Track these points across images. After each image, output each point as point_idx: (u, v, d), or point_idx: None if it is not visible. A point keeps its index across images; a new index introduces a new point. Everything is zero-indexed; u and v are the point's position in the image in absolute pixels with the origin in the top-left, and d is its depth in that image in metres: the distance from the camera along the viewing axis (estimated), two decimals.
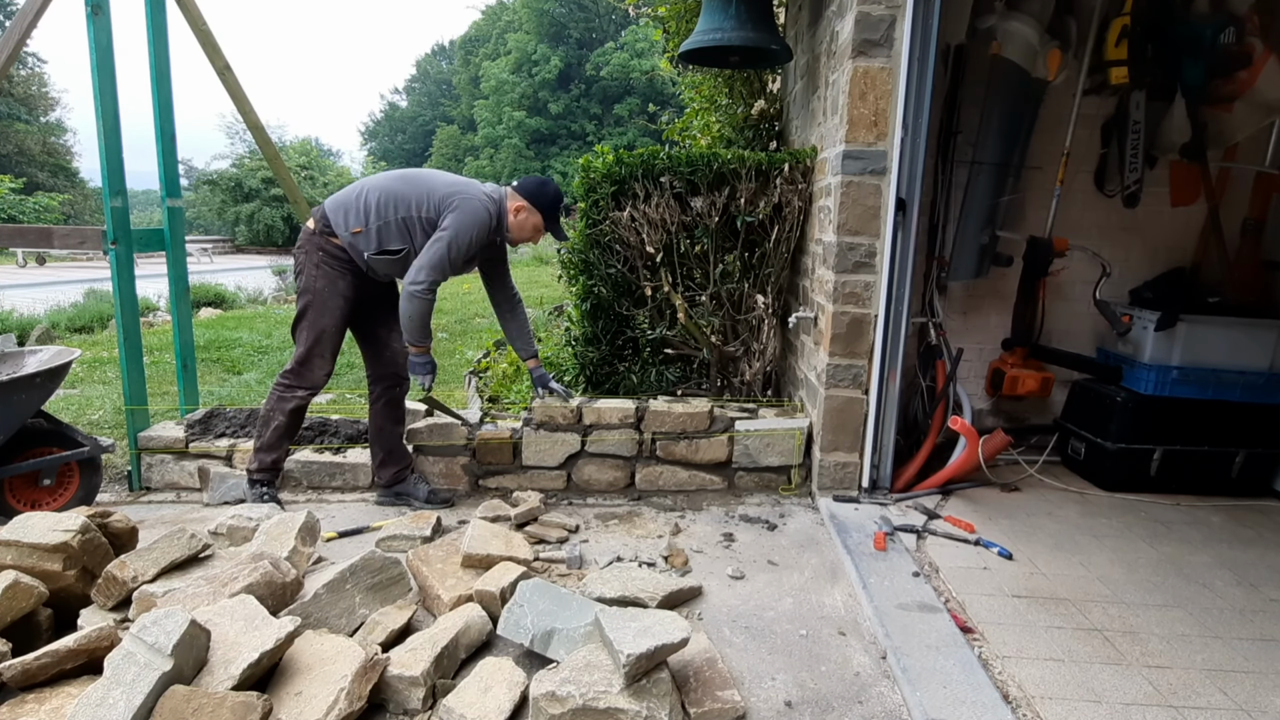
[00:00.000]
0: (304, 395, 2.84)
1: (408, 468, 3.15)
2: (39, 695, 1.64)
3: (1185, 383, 3.19)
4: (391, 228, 2.76)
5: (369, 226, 2.75)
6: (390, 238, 2.77)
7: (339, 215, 2.77)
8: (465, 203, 2.73)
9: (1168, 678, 1.94)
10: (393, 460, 3.10)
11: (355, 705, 1.64)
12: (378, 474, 3.12)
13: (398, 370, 3.04)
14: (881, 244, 2.92)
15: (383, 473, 3.11)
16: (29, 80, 27.79)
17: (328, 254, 2.78)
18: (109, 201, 3.05)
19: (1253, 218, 3.50)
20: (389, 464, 3.10)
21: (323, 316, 2.78)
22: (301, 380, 2.82)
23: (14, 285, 13.09)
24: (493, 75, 35.06)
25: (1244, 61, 3.11)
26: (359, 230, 2.75)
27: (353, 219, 2.76)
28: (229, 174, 26.75)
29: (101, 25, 2.93)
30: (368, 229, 2.75)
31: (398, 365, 3.04)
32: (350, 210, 2.77)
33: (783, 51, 3.39)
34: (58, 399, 4.56)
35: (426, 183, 2.80)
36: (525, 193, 2.85)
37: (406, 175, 2.85)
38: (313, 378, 2.83)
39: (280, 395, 2.84)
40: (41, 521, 2.04)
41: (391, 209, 2.75)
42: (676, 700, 1.71)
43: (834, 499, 3.07)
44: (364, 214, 2.75)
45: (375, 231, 2.75)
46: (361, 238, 2.76)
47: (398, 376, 3.05)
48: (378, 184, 2.80)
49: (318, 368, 2.83)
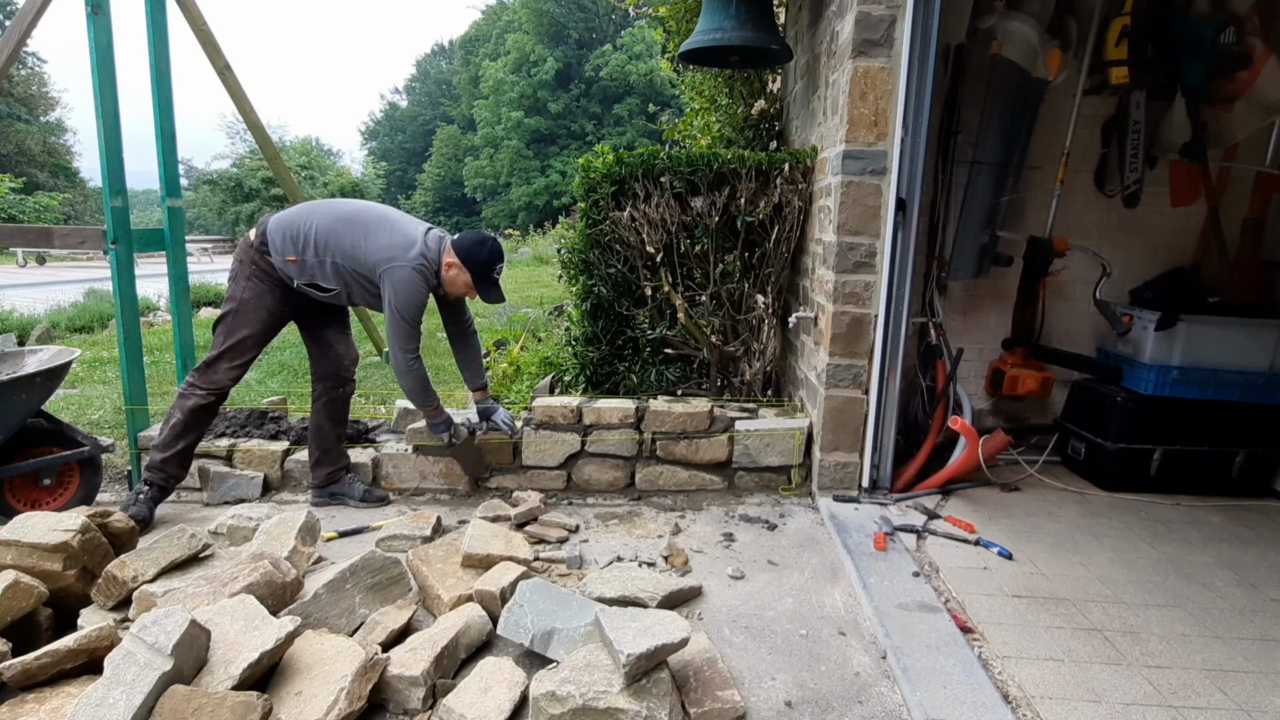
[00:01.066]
0: (203, 395, 2.79)
1: (344, 468, 3.14)
2: (39, 695, 1.64)
3: (1185, 383, 3.19)
4: (326, 268, 2.75)
5: (304, 258, 2.73)
6: (325, 277, 2.76)
7: (279, 238, 2.74)
8: (395, 273, 2.71)
9: (1168, 678, 1.94)
10: (328, 460, 3.09)
11: (355, 705, 1.64)
12: (312, 473, 3.11)
13: (340, 371, 3.05)
14: (881, 244, 2.92)
15: (317, 472, 3.09)
16: (29, 80, 27.79)
17: (259, 269, 2.76)
18: (109, 201, 3.05)
19: (1253, 218, 3.50)
20: (323, 464, 3.09)
21: (243, 326, 2.77)
22: (204, 380, 2.79)
23: (14, 285, 13.10)
24: (492, 75, 35.05)
25: (1244, 61, 3.11)
26: (293, 259, 2.73)
27: (290, 246, 2.73)
28: (229, 174, 26.76)
29: (101, 25, 2.93)
30: (303, 260, 2.73)
31: (341, 367, 3.05)
32: (289, 236, 2.74)
33: (783, 51, 3.39)
34: (58, 399, 4.56)
35: (365, 236, 2.75)
36: (459, 250, 2.81)
37: (352, 218, 2.79)
38: (217, 380, 2.80)
39: (182, 392, 2.82)
40: (41, 521, 2.05)
41: (330, 252, 2.73)
42: (676, 700, 1.71)
43: (834, 499, 3.07)
44: (302, 245, 2.73)
45: (310, 266, 2.74)
46: (294, 266, 2.75)
47: (341, 378, 3.06)
48: (322, 219, 2.77)
49: (224, 372, 2.79)
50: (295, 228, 2.75)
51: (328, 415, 3.06)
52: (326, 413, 3.06)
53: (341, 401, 3.08)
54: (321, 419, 3.06)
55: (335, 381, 3.05)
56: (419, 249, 2.76)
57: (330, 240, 2.73)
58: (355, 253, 2.73)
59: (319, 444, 3.07)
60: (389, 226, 2.80)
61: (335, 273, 2.76)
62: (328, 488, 3.10)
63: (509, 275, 14.04)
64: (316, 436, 3.07)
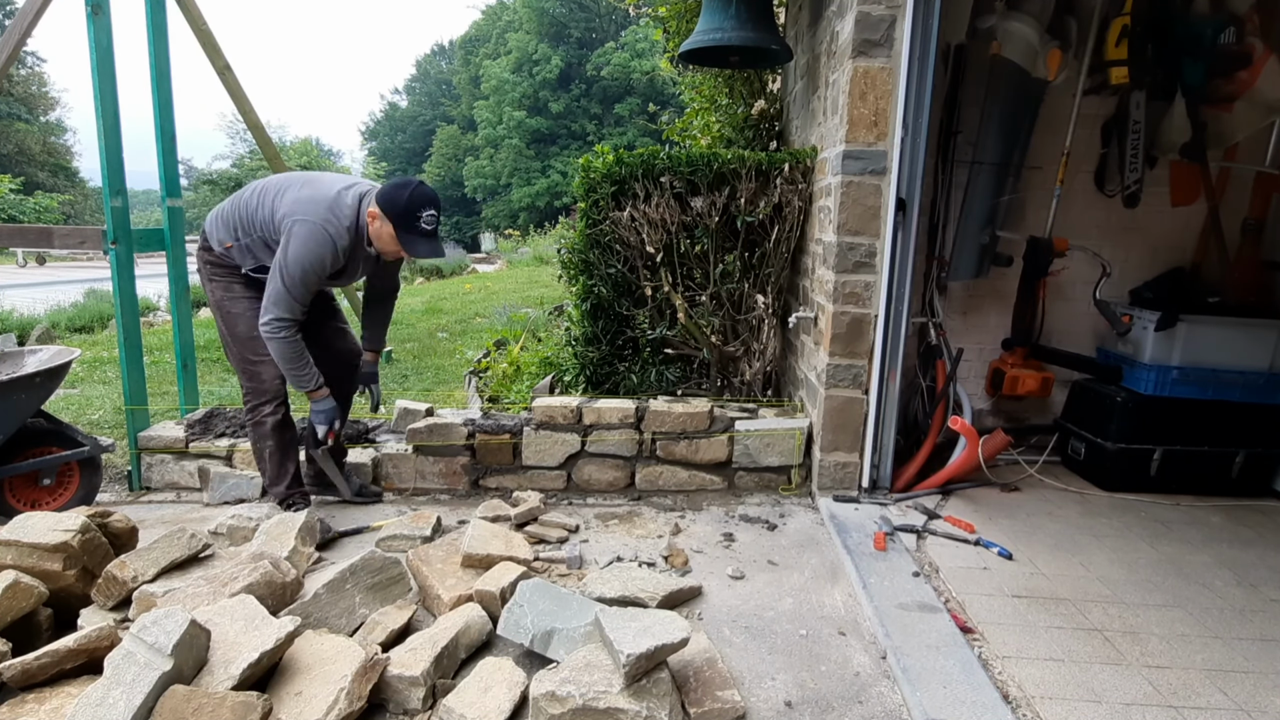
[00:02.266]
0: (271, 410, 2.68)
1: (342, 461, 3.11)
2: (39, 695, 1.64)
3: (1185, 383, 3.19)
4: (257, 246, 2.54)
5: (239, 241, 2.56)
6: (262, 256, 2.55)
7: (213, 228, 2.60)
8: (298, 226, 2.41)
9: (1168, 678, 1.94)
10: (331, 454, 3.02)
11: (355, 705, 1.64)
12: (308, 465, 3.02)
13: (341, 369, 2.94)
14: (881, 244, 2.92)
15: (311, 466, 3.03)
16: (29, 80, 27.79)
17: (213, 265, 2.64)
18: (109, 201, 3.05)
19: (1253, 218, 3.50)
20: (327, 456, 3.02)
21: (235, 324, 2.63)
22: (259, 396, 2.66)
23: (14, 285, 13.10)
24: (493, 75, 35.05)
25: (1244, 61, 3.11)
26: (229, 245, 2.57)
27: (225, 233, 2.58)
28: (229, 174, 26.76)
29: (101, 25, 2.93)
30: (238, 244, 2.56)
31: (341, 363, 2.94)
32: (222, 222, 2.59)
33: (783, 51, 3.39)
34: (58, 399, 4.56)
35: (279, 197, 2.52)
36: (380, 198, 2.47)
37: (274, 186, 2.56)
38: (266, 386, 2.66)
39: (254, 421, 2.70)
40: (41, 521, 2.05)
41: (253, 227, 2.53)
42: (676, 700, 1.72)
43: (834, 499, 3.07)
44: (234, 227, 2.56)
45: (245, 248, 2.57)
46: (235, 253, 2.58)
47: (347, 366, 2.98)
48: (248, 196, 2.59)
49: (263, 372, 2.64)
50: (226, 213, 2.61)
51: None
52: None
53: (349, 397, 3.05)
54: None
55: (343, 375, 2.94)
56: (328, 204, 2.46)
57: (252, 215, 2.54)
58: (270, 216, 2.49)
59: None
60: (304, 183, 2.55)
61: (267, 248, 2.52)
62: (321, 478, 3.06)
63: (510, 276, 14.04)
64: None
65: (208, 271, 2.68)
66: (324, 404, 2.71)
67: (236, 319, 2.64)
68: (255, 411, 2.70)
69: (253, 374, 2.66)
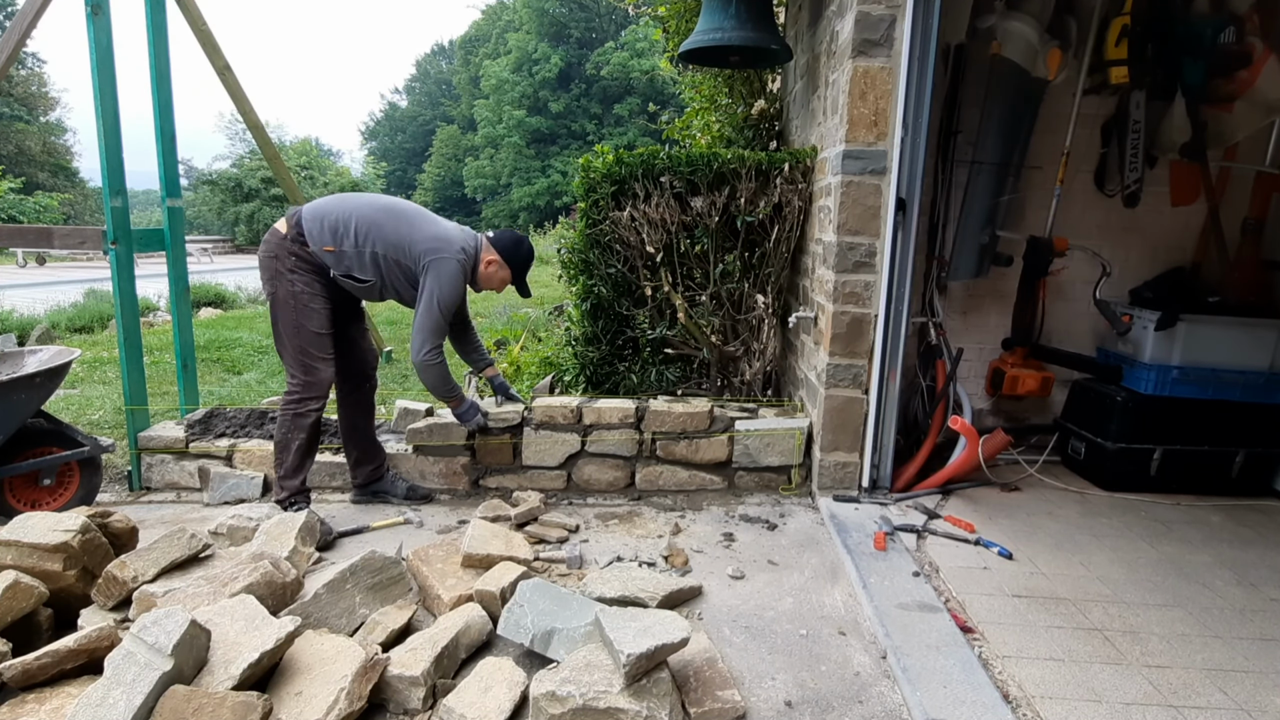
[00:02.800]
0: (317, 406, 2.75)
1: (383, 465, 3.14)
2: (39, 695, 1.64)
3: (1185, 382, 3.19)
4: (365, 258, 2.70)
5: (342, 248, 2.68)
6: (362, 268, 2.71)
7: (315, 226, 2.68)
8: (441, 264, 2.71)
9: (1168, 677, 1.94)
10: (367, 459, 3.09)
11: (355, 705, 1.64)
12: (354, 474, 3.10)
13: (365, 369, 3.04)
14: (881, 244, 2.92)
15: (359, 472, 3.09)
16: (29, 80, 27.78)
17: (300, 259, 2.67)
18: (109, 201, 3.05)
19: (1253, 217, 3.50)
20: (364, 463, 3.08)
21: (309, 320, 2.69)
22: (310, 390, 2.72)
23: (14, 285, 13.10)
24: (493, 74, 35.05)
25: (1244, 61, 3.11)
26: (330, 249, 2.67)
27: (328, 236, 2.67)
28: (229, 174, 26.78)
29: (101, 25, 2.93)
30: (340, 250, 2.68)
31: (366, 364, 3.04)
32: (328, 226, 2.68)
33: (783, 51, 3.39)
34: (58, 399, 4.56)
35: (409, 226, 2.74)
36: (500, 248, 2.88)
37: (394, 209, 2.78)
38: (320, 384, 2.74)
39: (296, 414, 2.73)
40: (41, 521, 2.05)
41: (371, 242, 2.69)
42: (676, 700, 1.72)
43: (834, 499, 3.07)
44: (341, 235, 2.68)
45: (349, 255, 2.69)
46: (332, 256, 2.68)
47: (365, 375, 3.04)
48: (362, 209, 2.72)
49: (322, 370, 2.73)
50: (334, 217, 2.69)
51: (361, 412, 3.05)
52: (360, 410, 3.04)
53: (369, 398, 3.08)
54: (354, 417, 3.04)
55: (360, 379, 3.03)
56: (461, 243, 2.78)
57: (372, 230, 2.69)
58: (400, 241, 2.70)
59: (356, 444, 3.06)
60: (430, 219, 2.82)
61: (374, 263, 2.71)
62: (370, 486, 3.11)
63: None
64: (352, 437, 3.06)
65: (291, 263, 2.68)
66: (463, 408, 3.04)
67: (311, 314, 2.71)
68: (301, 404, 2.75)
69: (310, 369, 2.72)
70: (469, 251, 2.80)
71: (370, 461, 3.10)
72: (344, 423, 3.05)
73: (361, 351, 3.03)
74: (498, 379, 3.31)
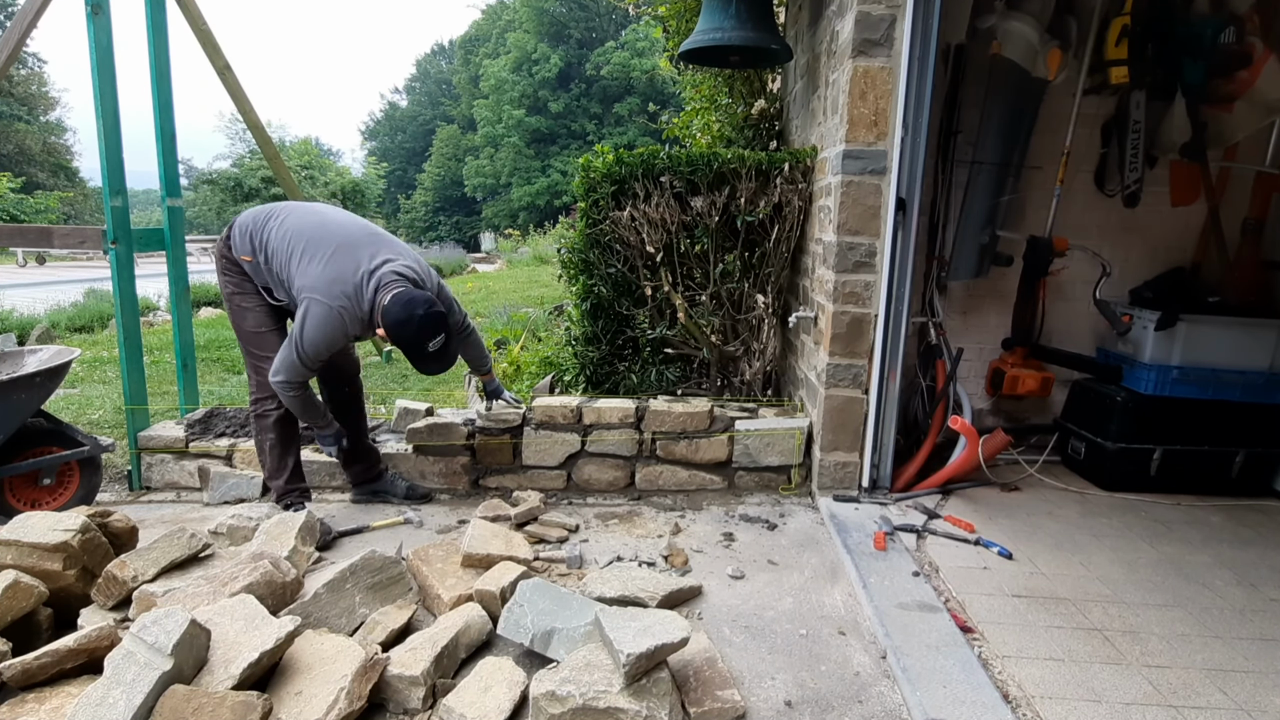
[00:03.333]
0: (276, 403, 2.69)
1: (377, 464, 3.13)
2: (39, 695, 1.64)
3: (1185, 382, 3.19)
4: (273, 277, 2.63)
5: (256, 261, 2.64)
6: (275, 285, 2.65)
7: (239, 234, 2.66)
8: (314, 306, 2.45)
9: (1168, 677, 1.94)
10: (356, 459, 3.06)
11: (355, 705, 1.64)
12: (347, 473, 3.09)
13: (341, 375, 3.00)
14: (881, 244, 2.92)
15: (352, 471, 3.08)
16: (29, 80, 27.79)
17: (229, 261, 2.70)
18: (109, 201, 3.05)
19: (1253, 218, 3.50)
20: (353, 462, 3.07)
21: (243, 320, 2.70)
22: (263, 390, 2.69)
23: (14, 285, 13.10)
24: (493, 74, 35.04)
25: (1244, 61, 3.11)
26: (248, 259, 2.65)
27: (247, 246, 2.65)
28: (229, 174, 26.73)
29: (101, 25, 2.93)
30: (255, 263, 2.65)
31: (341, 372, 2.99)
32: (248, 236, 2.65)
33: (783, 51, 3.39)
34: (58, 399, 4.56)
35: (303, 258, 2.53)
36: (386, 320, 2.45)
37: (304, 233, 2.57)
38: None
39: (257, 414, 2.76)
40: (41, 521, 2.05)
41: (275, 262, 2.60)
42: (676, 700, 1.72)
43: (834, 499, 3.07)
44: (255, 248, 2.63)
45: (261, 271, 2.66)
46: (250, 266, 2.67)
47: (343, 379, 3.01)
48: (280, 227, 2.61)
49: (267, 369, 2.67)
50: (255, 228, 2.65)
51: (345, 416, 3.00)
52: (344, 413, 3.00)
53: (352, 401, 3.05)
54: (343, 419, 2.99)
55: (339, 382, 3.01)
56: (349, 291, 2.47)
57: (277, 251, 2.60)
58: (288, 271, 2.56)
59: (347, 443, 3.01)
60: (330, 255, 2.52)
61: (280, 284, 2.63)
62: (368, 485, 3.10)
63: (510, 275, 14.05)
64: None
65: (222, 264, 2.75)
66: (324, 433, 2.80)
67: (245, 314, 2.72)
68: (259, 404, 2.76)
69: (259, 369, 2.70)
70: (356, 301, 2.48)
71: (361, 460, 3.08)
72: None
73: (334, 364, 2.94)
74: (491, 384, 3.27)
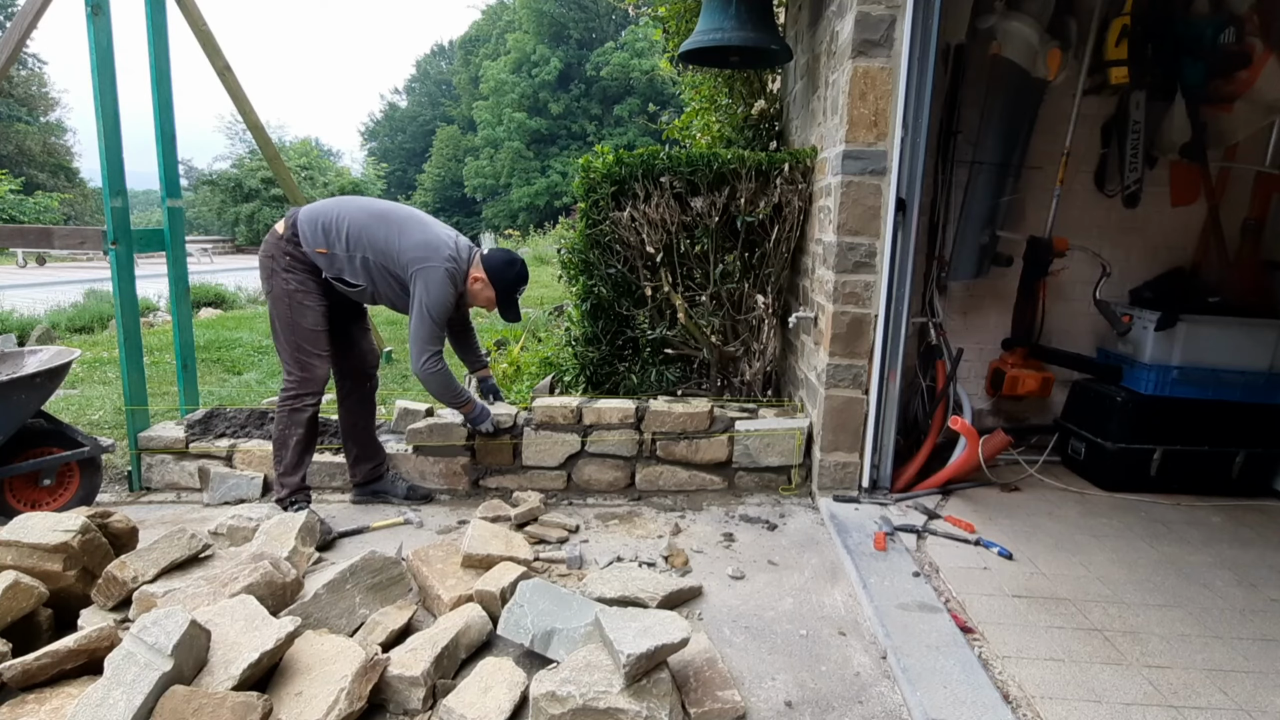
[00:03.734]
0: (313, 402, 2.78)
1: (383, 464, 3.14)
2: (39, 695, 1.64)
3: (1185, 383, 3.19)
4: (355, 263, 2.72)
5: (334, 251, 2.71)
6: (353, 272, 2.74)
7: (309, 228, 2.71)
8: (429, 272, 2.69)
9: (1168, 678, 1.94)
10: (366, 457, 3.09)
11: (355, 705, 1.64)
12: (352, 472, 3.11)
13: (365, 368, 3.04)
14: (881, 244, 2.92)
15: (357, 470, 3.09)
16: (29, 80, 27.77)
17: (294, 259, 2.72)
18: (109, 201, 3.05)
19: (1253, 218, 3.50)
20: (363, 461, 3.09)
21: (303, 318, 2.72)
22: (306, 387, 2.75)
23: (14, 285, 13.09)
24: (492, 76, 35.03)
25: (1244, 61, 3.11)
26: (323, 251, 2.70)
27: (320, 238, 2.70)
28: (229, 174, 26.75)
29: (101, 25, 2.93)
30: (332, 254, 2.71)
31: (365, 363, 3.04)
32: (321, 228, 2.71)
33: (783, 51, 3.39)
34: (58, 399, 4.56)
35: (399, 233, 2.74)
36: (489, 266, 2.82)
37: (385, 214, 2.78)
38: (316, 380, 2.77)
39: (292, 409, 2.77)
40: (41, 521, 2.05)
41: (361, 247, 2.71)
42: (676, 700, 1.71)
43: (834, 499, 3.07)
44: (333, 238, 2.71)
45: (340, 259, 2.72)
46: (324, 259, 2.71)
47: (366, 373, 3.05)
48: (355, 214, 2.74)
49: (317, 367, 2.76)
50: (327, 219, 2.72)
51: (360, 412, 3.05)
52: (359, 410, 3.05)
53: (370, 397, 3.08)
54: (355, 416, 3.05)
55: (361, 378, 3.04)
56: (450, 251, 2.75)
57: (363, 235, 2.70)
58: (388, 248, 2.71)
59: (355, 441, 3.07)
60: (421, 225, 2.79)
61: (364, 268, 2.73)
62: (370, 485, 3.11)
63: None
64: (351, 435, 3.07)
65: (285, 262, 2.72)
66: (474, 413, 3.03)
67: (305, 311, 2.73)
68: (297, 400, 2.77)
69: (306, 366, 2.75)
70: (459, 260, 2.77)
71: (370, 460, 3.10)
72: (344, 420, 3.06)
73: (362, 350, 3.04)
74: (488, 381, 3.34)
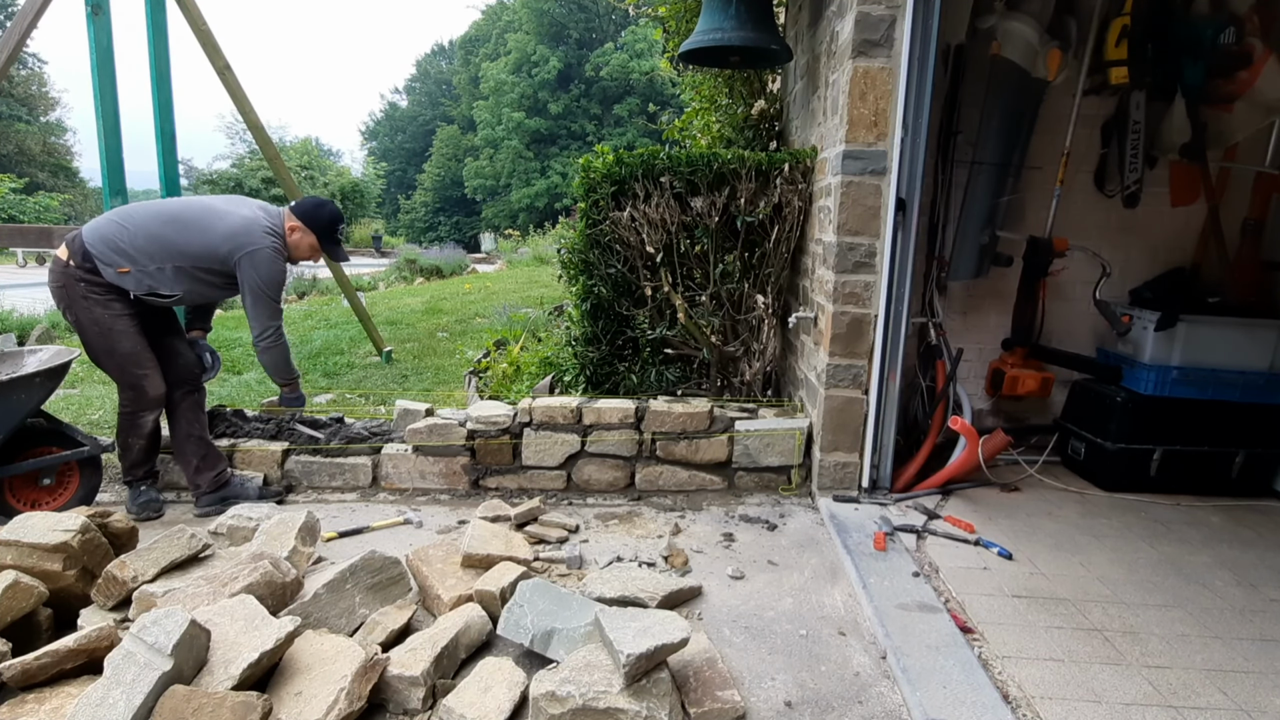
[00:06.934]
0: (154, 414, 2.87)
1: (227, 468, 3.06)
2: (39, 695, 1.64)
3: (1185, 383, 3.19)
4: (167, 273, 2.69)
5: (136, 269, 2.66)
6: (165, 283, 2.71)
7: (103, 251, 2.65)
8: (255, 254, 2.75)
9: (1168, 678, 1.94)
10: (208, 464, 2.99)
11: (355, 705, 1.64)
12: (196, 483, 2.98)
13: (189, 376, 3.01)
14: (881, 244, 2.92)
15: (201, 478, 2.97)
16: (29, 80, 27.78)
17: (93, 285, 2.67)
18: (109, 201, 3.06)
19: (1253, 218, 3.50)
20: (205, 468, 2.98)
21: (118, 343, 2.71)
22: (141, 404, 2.80)
23: (14, 285, 13.08)
24: (492, 76, 35.01)
25: (1244, 61, 3.11)
26: (125, 270, 2.66)
27: (118, 258, 2.66)
28: (229, 174, 26.73)
29: (101, 25, 2.94)
30: (138, 271, 2.67)
31: (190, 372, 3.01)
32: (115, 250, 2.66)
33: (783, 51, 3.39)
34: (58, 399, 4.56)
35: (201, 232, 2.71)
36: (300, 213, 2.91)
37: (178, 218, 2.75)
38: (149, 395, 2.80)
39: (133, 423, 2.83)
40: (41, 521, 2.05)
41: (169, 256, 2.68)
42: (676, 700, 1.72)
43: (834, 499, 3.07)
44: (133, 255, 2.66)
45: (148, 274, 2.68)
46: (130, 278, 2.67)
47: (190, 382, 3.01)
48: (147, 224, 2.69)
49: (148, 380, 2.78)
50: (120, 238, 2.67)
51: (196, 418, 2.99)
52: (195, 415, 2.99)
53: (202, 402, 3.06)
54: (191, 424, 2.98)
55: (188, 387, 3.00)
56: (264, 224, 2.80)
57: (165, 244, 2.67)
58: (200, 250, 2.71)
59: (194, 450, 2.97)
60: (220, 214, 2.79)
61: (177, 276, 2.72)
62: (218, 492, 2.99)
63: (510, 276, 14.06)
64: (188, 444, 2.97)
65: (82, 290, 2.67)
66: (295, 393, 3.17)
67: (120, 336, 2.73)
68: (136, 417, 2.84)
69: (137, 386, 2.79)
70: (275, 227, 2.83)
71: (212, 466, 3.00)
72: (180, 431, 2.97)
73: (185, 359, 3.00)
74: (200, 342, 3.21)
